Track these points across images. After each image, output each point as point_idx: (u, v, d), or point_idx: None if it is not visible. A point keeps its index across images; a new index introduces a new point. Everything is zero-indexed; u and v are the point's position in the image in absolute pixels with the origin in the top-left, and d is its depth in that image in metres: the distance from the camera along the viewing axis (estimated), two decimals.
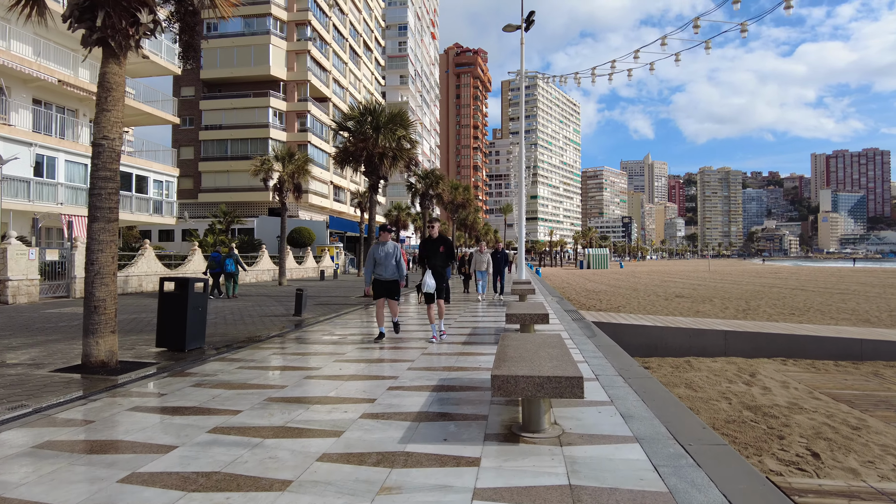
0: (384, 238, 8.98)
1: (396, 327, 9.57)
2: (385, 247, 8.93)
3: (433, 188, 34.99)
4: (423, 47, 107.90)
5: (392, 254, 8.94)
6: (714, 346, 11.66)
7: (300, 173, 26.10)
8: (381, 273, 9.01)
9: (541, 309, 8.96)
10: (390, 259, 8.93)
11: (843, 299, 24.00)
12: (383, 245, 8.96)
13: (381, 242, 8.99)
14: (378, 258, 8.99)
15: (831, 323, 16.21)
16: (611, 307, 20.65)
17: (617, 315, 14.51)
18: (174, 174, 33.72)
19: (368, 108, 18.68)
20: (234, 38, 51.96)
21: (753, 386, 8.72)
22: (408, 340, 9.30)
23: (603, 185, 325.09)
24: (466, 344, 8.71)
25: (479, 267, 16.94)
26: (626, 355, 7.71)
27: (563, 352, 4.96)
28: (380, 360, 7.55)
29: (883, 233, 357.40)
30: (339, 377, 6.46)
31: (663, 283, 39.75)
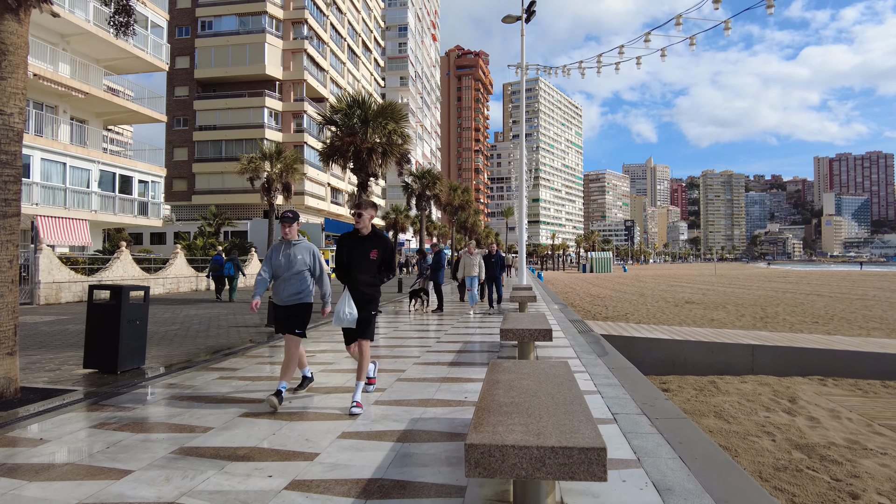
0: (289, 233, 5.51)
1: (304, 383, 5.94)
2: (291, 249, 5.53)
3: (430, 189, 33.59)
4: (423, 49, 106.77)
5: (299, 259, 5.54)
6: (740, 363, 10.25)
7: (289, 172, 24.76)
8: (279, 291, 5.57)
9: (542, 323, 7.54)
10: (294, 267, 5.52)
11: (866, 306, 22.53)
12: (288, 246, 5.55)
13: (285, 240, 5.58)
14: (276, 266, 5.56)
15: (861, 333, 14.77)
16: (618, 315, 19.21)
17: (628, 326, 13.09)
18: (161, 174, 32.37)
19: (356, 99, 17.30)
20: (228, 37, 50.82)
21: (797, 415, 7.29)
22: (390, 357, 7.91)
23: (605, 188, 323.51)
24: (453, 366, 7.29)
25: (469, 272, 14.51)
26: (646, 381, 6.29)
27: (574, 394, 3.55)
28: (342, 387, 6.14)
29: (887, 236, 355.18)
30: (283, 415, 5.05)
31: (670, 287, 38.29)
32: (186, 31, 52.24)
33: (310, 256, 5.65)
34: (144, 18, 30.56)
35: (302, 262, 5.56)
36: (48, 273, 17.42)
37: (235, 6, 50.75)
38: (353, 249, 5.31)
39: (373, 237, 5.33)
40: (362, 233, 5.31)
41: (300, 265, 5.55)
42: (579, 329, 10.81)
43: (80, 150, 26.13)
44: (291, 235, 5.55)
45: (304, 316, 5.65)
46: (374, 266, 5.30)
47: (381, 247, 5.32)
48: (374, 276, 5.32)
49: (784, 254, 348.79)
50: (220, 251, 22.02)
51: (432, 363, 7.49)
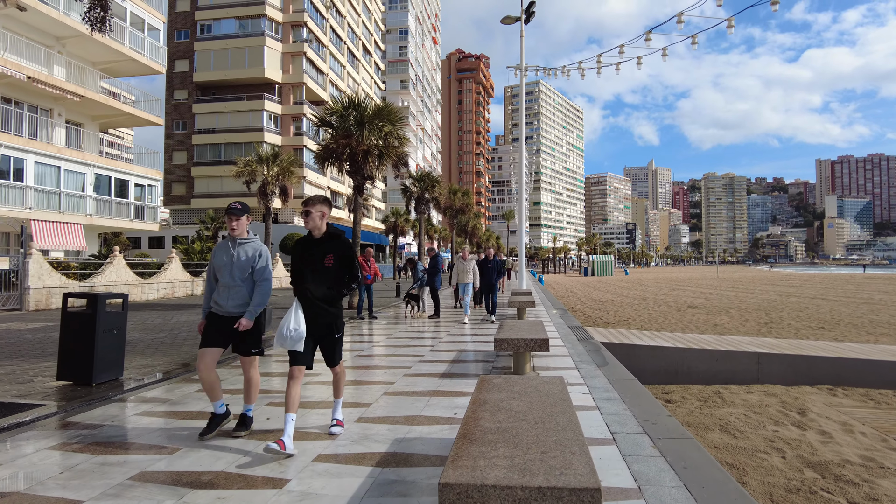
0: (236, 229, 4.63)
1: (244, 424, 4.70)
2: (237, 249, 4.63)
3: (429, 192, 33.25)
4: (424, 52, 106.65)
5: (245, 262, 4.60)
6: (745, 372, 9.88)
7: (286, 175, 24.44)
8: (222, 300, 4.64)
9: (538, 332, 7.19)
10: (240, 273, 4.60)
11: (872, 310, 22.12)
12: (234, 244, 4.66)
13: (232, 238, 4.69)
14: (218, 269, 4.67)
15: (869, 339, 14.38)
16: (619, 320, 18.84)
17: (629, 333, 12.72)
18: (157, 178, 32.09)
19: (352, 101, 16.98)
20: (227, 40, 50.66)
21: (807, 429, 6.92)
22: (380, 368, 7.57)
23: (607, 191, 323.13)
24: (445, 377, 6.94)
25: (462, 278, 13.36)
26: (647, 395, 5.94)
27: (568, 419, 3.20)
28: (324, 402, 5.79)
29: (889, 239, 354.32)
30: (258, 434, 4.70)
31: (672, 291, 37.89)
32: (186, 35, 52.11)
33: (255, 257, 4.65)
34: (141, 21, 30.35)
35: (246, 264, 4.63)
36: (38, 278, 17.10)
37: (234, 9, 50.60)
38: (306, 256, 4.47)
39: (327, 240, 4.45)
40: (315, 235, 4.47)
41: (244, 269, 4.63)
42: (579, 336, 10.45)
43: (75, 153, 25.86)
44: (239, 232, 4.65)
45: (254, 332, 4.75)
46: (330, 274, 4.40)
47: (338, 251, 4.42)
48: (332, 286, 4.42)
49: (786, 256, 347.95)
50: None
51: (424, 374, 7.14)
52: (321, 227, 4.46)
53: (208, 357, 4.59)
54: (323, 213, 4.45)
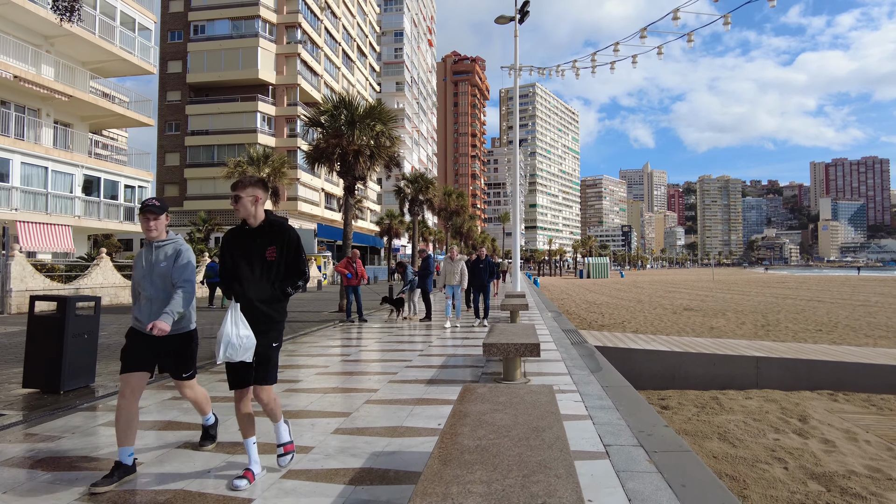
0: (153, 230, 3.84)
1: (208, 436, 4.39)
2: (156, 254, 3.88)
3: (423, 193, 32.94)
4: (419, 54, 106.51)
5: (168, 264, 3.85)
6: (744, 376, 9.60)
7: (277, 176, 24.11)
8: (142, 317, 3.86)
9: (530, 336, 6.89)
10: (162, 281, 3.85)
11: (869, 312, 21.92)
12: (150, 249, 3.91)
13: (151, 241, 3.90)
14: (136, 279, 3.94)
15: (868, 342, 14.15)
16: (615, 323, 18.57)
17: (624, 337, 12.42)
18: (148, 179, 31.70)
19: (343, 100, 16.68)
20: (221, 41, 50.30)
21: (809, 437, 6.64)
22: (364, 374, 7.26)
23: (602, 193, 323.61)
24: (431, 384, 6.63)
25: (450, 280, 12.65)
26: (643, 403, 5.65)
27: (555, 435, 2.90)
28: (303, 411, 5.47)
29: (883, 241, 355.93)
30: (226, 447, 4.39)
31: (668, 293, 37.68)
32: (179, 36, 51.73)
33: (174, 257, 3.86)
34: (131, 21, 30.00)
35: (167, 271, 3.83)
36: (21, 281, 16.72)
37: (228, 10, 50.26)
38: (240, 249, 3.68)
39: (267, 230, 3.68)
40: (250, 224, 3.67)
41: (166, 277, 3.84)
42: (573, 340, 10.16)
43: (63, 154, 25.47)
44: (157, 233, 3.84)
45: (185, 352, 3.98)
46: (271, 272, 3.63)
47: (281, 242, 3.65)
48: (274, 287, 3.65)
49: (781, 258, 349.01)
50: (214, 259, 21.89)
51: (410, 381, 6.83)
52: (256, 215, 3.67)
53: (134, 382, 3.75)
54: (256, 196, 3.64)
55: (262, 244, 3.65)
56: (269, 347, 3.74)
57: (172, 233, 4.06)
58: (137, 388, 3.79)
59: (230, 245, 3.77)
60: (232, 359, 3.46)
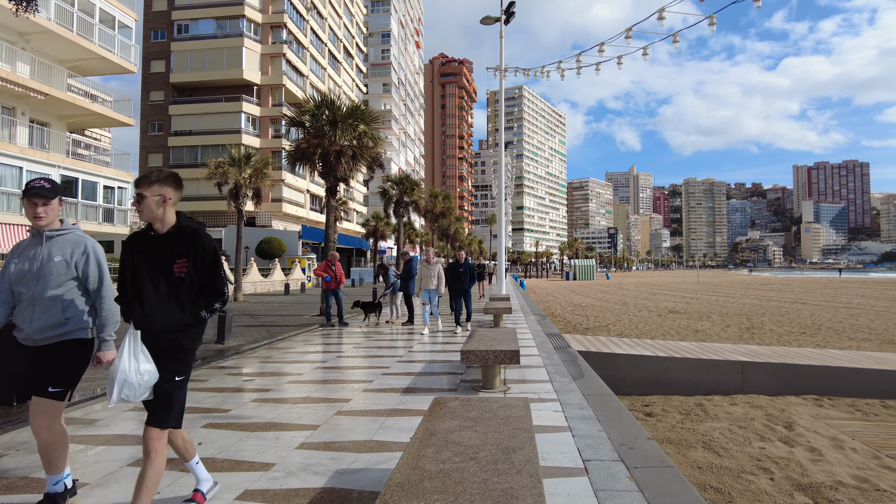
0: (43, 217, 3.21)
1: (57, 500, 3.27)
2: (43, 247, 3.25)
3: (408, 195, 32.64)
4: (406, 56, 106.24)
5: (57, 263, 3.21)
6: (729, 382, 9.45)
7: (259, 177, 23.73)
8: (24, 321, 3.23)
9: (509, 342, 6.67)
10: (48, 279, 3.19)
11: (852, 314, 22.00)
12: (39, 241, 3.27)
13: (41, 231, 3.26)
14: (14, 277, 3.23)
15: (851, 345, 14.11)
16: (599, 326, 18.42)
17: (608, 341, 12.24)
18: (128, 180, 31.13)
19: (325, 99, 16.39)
20: (205, 41, 49.73)
21: (795, 445, 6.48)
22: (338, 382, 6.98)
23: (588, 196, 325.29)
24: (407, 393, 6.37)
25: (426, 284, 12.08)
26: (625, 413, 5.43)
27: (527, 456, 2.66)
28: (270, 424, 5.19)
29: (864, 243, 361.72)
30: (179, 462, 4.10)
31: (653, 295, 37.71)
32: (162, 35, 51.05)
33: (79, 255, 3.26)
34: (111, 18, 29.47)
35: (61, 267, 3.19)
36: None
37: (212, 9, 49.69)
38: (144, 260, 2.96)
39: (177, 236, 2.98)
40: (157, 229, 2.97)
41: (59, 274, 3.19)
42: (556, 345, 9.96)
43: (38, 153, 24.91)
44: (46, 221, 3.20)
45: (65, 363, 3.21)
46: (180, 290, 2.93)
47: (194, 253, 2.95)
48: (184, 309, 2.93)
49: (765, 260, 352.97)
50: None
51: (385, 389, 6.57)
52: (164, 218, 2.95)
53: (33, 408, 3.16)
54: (163, 196, 2.92)
55: (170, 255, 2.93)
56: (171, 382, 2.92)
57: (69, 221, 3.41)
58: (34, 410, 3.16)
59: (131, 255, 3.01)
60: (129, 400, 2.78)
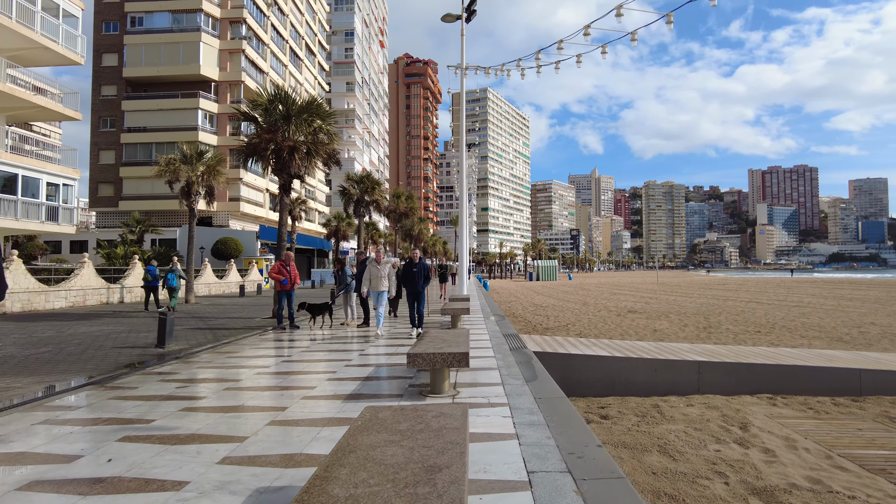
0: None
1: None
2: None
3: (369, 194, 32.09)
4: (371, 55, 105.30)
5: None
6: (686, 382, 9.37)
7: (212, 174, 22.90)
8: None
9: (461, 344, 6.35)
10: None
11: (804, 313, 22.52)
12: None
13: None
14: None
15: (803, 343, 14.33)
16: (559, 326, 18.33)
17: (565, 341, 12.06)
18: (74, 177, 29.73)
19: (279, 93, 15.82)
20: (160, 35, 48.13)
21: (751, 447, 6.35)
22: (277, 389, 6.54)
23: (552, 198, 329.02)
24: (351, 400, 5.99)
25: (375, 285, 11.18)
26: (577, 417, 5.18)
27: (453, 476, 2.33)
28: (194, 436, 4.74)
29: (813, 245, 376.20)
30: (83, 483, 3.64)
31: (613, 295, 38.09)
32: (115, 27, 49.18)
33: None
34: (55, 6, 28.07)
35: None
36: None
37: (168, 2, 48.19)
38: None
39: None
40: None
41: None
42: (512, 346, 9.70)
43: None
44: None
45: None
46: None
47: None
48: None
49: (722, 261, 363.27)
50: (154, 263, 21.20)
51: (327, 396, 6.16)
52: None
53: None
54: None
55: None
56: None
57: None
58: None
59: None
60: None
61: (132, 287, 25.30)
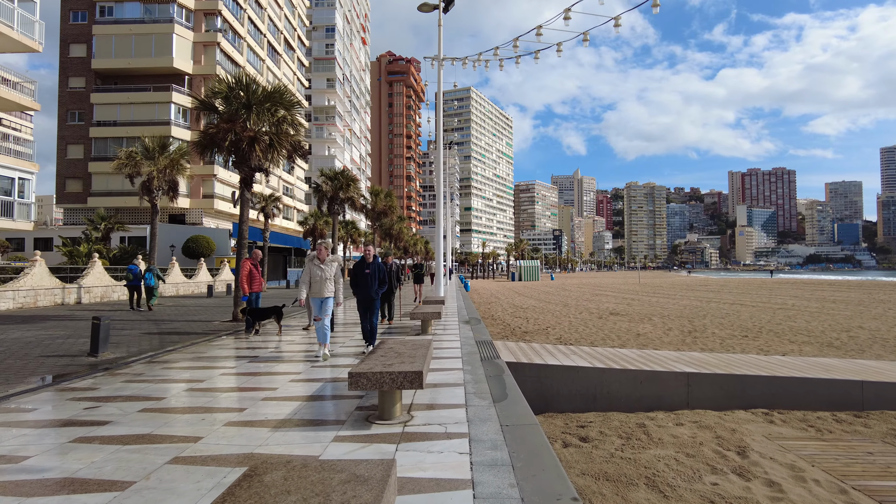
0: None
1: None
2: None
3: (344, 191, 30.96)
4: (352, 51, 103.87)
5: None
6: (674, 396, 8.52)
7: (175, 168, 21.65)
8: None
9: (415, 359, 5.39)
10: None
11: (789, 316, 21.92)
12: None
13: None
14: None
15: (792, 348, 13.61)
16: (538, 329, 17.45)
17: (542, 349, 11.13)
18: (31, 170, 28.21)
19: (239, 80, 14.72)
20: (131, 25, 46.47)
21: (752, 478, 5.48)
22: (199, 412, 5.52)
23: (535, 198, 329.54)
24: (279, 428, 4.98)
25: (318, 290, 8.57)
26: (549, 453, 4.24)
27: None
28: (67, 481, 3.72)
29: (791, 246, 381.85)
30: None
31: (595, 296, 37.42)
32: (83, 17, 47.41)
33: None
34: None
35: None
36: None
37: None
38: None
39: None
40: None
41: None
42: (484, 355, 8.76)
43: None
44: None
45: None
46: None
47: None
48: None
49: (702, 262, 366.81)
50: (135, 262, 20.89)
51: (254, 422, 5.16)
52: None
53: None
54: None
55: None
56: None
57: None
58: None
59: None
60: None
61: (91, 287, 23.93)
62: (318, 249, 8.91)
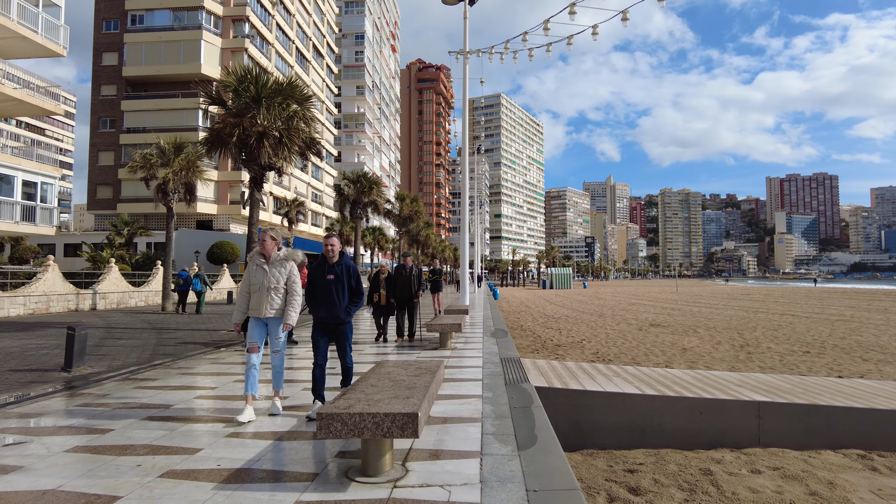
0: None
1: None
2: None
3: (366, 194, 29.93)
4: (381, 59, 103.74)
5: None
6: (741, 430, 7.00)
7: (191, 171, 20.89)
8: None
9: (412, 395, 4.05)
10: None
11: (852, 329, 19.86)
12: None
13: None
14: None
15: (869, 368, 11.81)
16: (572, 342, 15.92)
17: (579, 369, 9.63)
18: (54, 175, 27.97)
19: (248, 72, 13.71)
20: (161, 33, 46.74)
21: None
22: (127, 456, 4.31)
23: (566, 205, 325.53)
24: (230, 481, 3.69)
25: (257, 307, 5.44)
26: None
27: None
28: None
29: (834, 254, 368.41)
30: None
31: (632, 306, 35.51)
32: (115, 26, 47.92)
33: None
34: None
35: None
36: None
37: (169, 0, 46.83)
38: None
39: None
40: None
41: None
42: (510, 378, 7.35)
43: None
44: None
45: None
46: None
47: None
48: None
49: (739, 270, 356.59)
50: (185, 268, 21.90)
51: (199, 473, 3.87)
52: None
53: None
54: None
55: None
56: None
57: None
58: None
59: None
60: None
61: (107, 293, 23.33)
62: (262, 240, 5.46)
